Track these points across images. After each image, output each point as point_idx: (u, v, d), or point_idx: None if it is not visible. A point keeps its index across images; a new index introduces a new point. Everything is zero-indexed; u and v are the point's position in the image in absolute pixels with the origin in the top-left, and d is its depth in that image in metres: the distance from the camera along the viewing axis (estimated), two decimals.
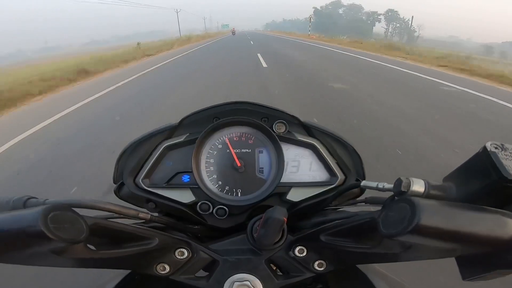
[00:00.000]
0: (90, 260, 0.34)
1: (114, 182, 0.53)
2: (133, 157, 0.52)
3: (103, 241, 0.36)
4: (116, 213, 0.40)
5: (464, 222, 0.25)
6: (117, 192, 0.54)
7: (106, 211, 0.38)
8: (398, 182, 0.34)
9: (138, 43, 16.77)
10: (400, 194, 0.33)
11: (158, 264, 0.41)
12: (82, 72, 8.59)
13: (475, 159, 0.30)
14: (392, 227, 0.26)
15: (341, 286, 0.50)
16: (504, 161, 0.27)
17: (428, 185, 0.32)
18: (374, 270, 0.48)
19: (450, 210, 0.26)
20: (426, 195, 0.32)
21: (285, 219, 0.38)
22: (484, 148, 0.29)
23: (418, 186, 0.32)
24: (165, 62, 11.15)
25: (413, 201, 0.25)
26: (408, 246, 0.28)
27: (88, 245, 0.33)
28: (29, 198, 0.37)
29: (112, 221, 0.35)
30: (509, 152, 0.29)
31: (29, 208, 0.29)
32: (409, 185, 0.33)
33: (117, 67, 10.50)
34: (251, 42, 22.37)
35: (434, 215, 0.25)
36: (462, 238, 0.25)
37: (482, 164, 0.29)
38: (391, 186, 0.37)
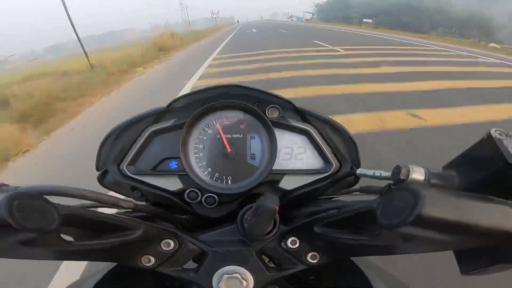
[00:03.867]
0: (67, 252, 0.31)
1: (97, 169, 0.50)
2: (118, 143, 0.49)
3: (81, 232, 0.33)
4: (94, 200, 0.37)
5: (470, 213, 0.23)
6: (101, 180, 0.51)
7: (81, 198, 0.35)
8: (397, 170, 0.32)
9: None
10: (399, 182, 0.31)
11: (143, 256, 0.39)
12: None
13: (478, 147, 0.28)
14: (392, 217, 0.24)
15: (334, 279, 0.48)
16: (510, 148, 0.25)
17: (428, 173, 0.31)
18: (368, 263, 0.47)
19: (455, 200, 0.24)
20: (426, 184, 0.30)
21: (277, 208, 0.36)
22: (489, 134, 0.27)
23: (418, 174, 0.31)
24: None
25: (416, 190, 0.23)
26: (409, 238, 0.26)
27: (64, 236, 0.30)
28: (0, 186, 0.35)
29: (89, 210, 0.32)
30: None
31: None
32: (408, 173, 0.31)
33: None
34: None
35: (438, 205, 0.23)
36: (467, 230, 0.23)
37: (487, 152, 0.27)
38: (388, 174, 0.35)
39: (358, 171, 0.42)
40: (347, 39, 12.14)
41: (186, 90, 4.78)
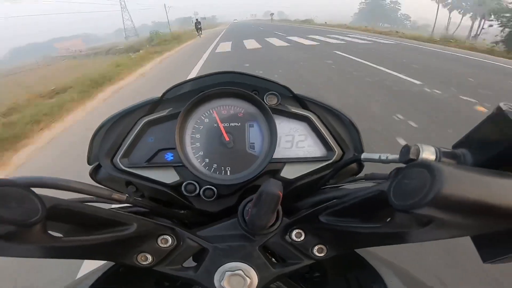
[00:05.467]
0: (54, 248, 0.29)
1: (89, 163, 0.48)
2: (110, 135, 0.47)
3: (71, 227, 0.31)
4: (84, 193, 0.34)
5: (494, 190, 0.21)
6: (93, 175, 0.49)
7: (69, 190, 0.32)
8: (406, 149, 0.30)
9: None
10: (409, 162, 0.29)
11: (139, 254, 0.36)
12: None
13: (488, 122, 0.26)
14: (407, 198, 0.21)
15: (341, 274, 0.46)
16: None
17: (439, 152, 0.29)
18: (375, 256, 0.45)
19: (477, 176, 0.22)
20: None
21: (281, 194, 0.33)
22: (499, 108, 0.25)
23: (428, 153, 0.28)
24: None
25: (433, 165, 0.21)
26: (426, 221, 0.24)
27: (52, 232, 0.28)
28: None
29: (79, 204, 0.30)
30: None
31: None
32: (418, 152, 0.29)
33: None
34: None
35: (460, 182, 0.20)
36: (491, 210, 0.21)
37: (498, 126, 0.25)
38: (395, 156, 0.33)
39: (363, 155, 0.39)
40: None
41: None
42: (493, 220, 0.22)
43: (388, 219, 0.29)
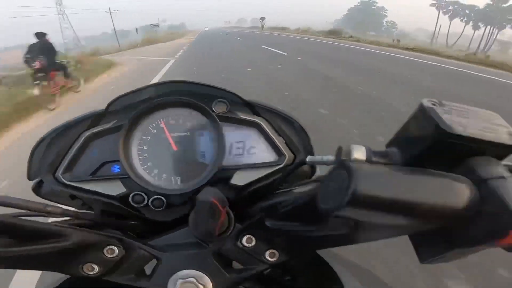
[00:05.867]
0: None
1: (29, 179, 0.46)
2: (51, 149, 0.45)
3: (11, 241, 0.31)
4: (31, 210, 0.35)
5: (409, 188, 0.22)
6: (36, 190, 0.46)
7: (19, 208, 0.34)
8: (339, 151, 0.30)
9: None
10: (341, 163, 0.30)
11: (84, 264, 0.35)
12: None
13: (413, 119, 0.27)
14: (330, 201, 0.22)
15: (305, 276, 0.47)
16: (443, 116, 0.24)
17: (369, 152, 0.29)
18: (337, 257, 0.46)
19: (392, 174, 0.23)
20: (367, 163, 0.29)
21: (214, 200, 0.33)
22: (421, 105, 0.26)
23: (359, 153, 0.29)
24: None
25: (349, 166, 0.22)
26: (353, 224, 0.24)
27: None
28: None
29: (14, 218, 0.30)
30: (448, 108, 0.26)
31: None
32: (349, 153, 0.29)
33: None
34: None
35: (373, 180, 0.21)
36: (410, 209, 0.21)
37: (421, 123, 0.26)
38: (333, 157, 0.34)
39: (308, 158, 0.40)
40: None
41: None
42: (416, 220, 0.22)
43: (325, 222, 0.30)
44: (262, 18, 45.32)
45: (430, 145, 0.25)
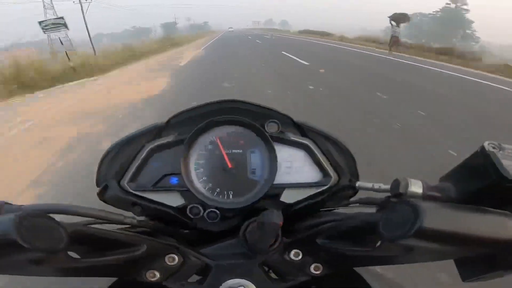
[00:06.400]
0: (74, 269, 0.32)
1: (97, 185, 0.50)
2: (117, 160, 0.49)
3: (86, 248, 0.34)
4: (99, 218, 0.38)
5: (466, 224, 0.25)
6: (101, 195, 0.51)
7: (88, 217, 0.36)
8: (396, 183, 0.33)
9: None
10: (398, 195, 0.33)
11: (148, 271, 0.39)
12: None
13: (473, 159, 0.30)
14: (394, 230, 0.25)
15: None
16: (503, 161, 0.27)
17: (426, 186, 0.32)
18: (372, 272, 0.48)
19: (452, 213, 0.26)
20: (424, 196, 0.32)
21: (281, 223, 0.37)
22: (482, 148, 0.29)
23: (416, 187, 0.32)
24: None
25: (415, 204, 0.25)
26: (410, 248, 0.27)
27: (70, 253, 0.31)
28: (3, 204, 0.35)
29: (94, 228, 0.33)
30: (508, 152, 0.29)
31: (2, 215, 0.26)
32: (407, 186, 0.32)
33: None
34: None
35: (437, 218, 0.24)
36: (464, 240, 0.25)
37: (481, 164, 0.29)
38: (387, 187, 0.37)
39: (358, 184, 0.43)
40: None
41: None
42: (468, 248, 0.26)
43: (378, 244, 0.33)
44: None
45: (487, 186, 0.28)
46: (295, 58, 10.67)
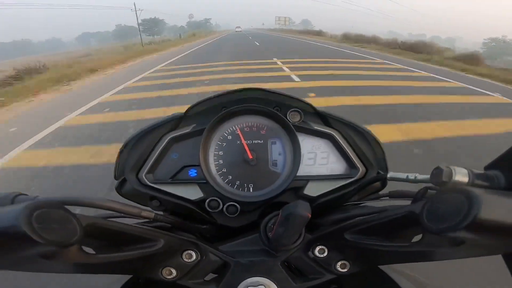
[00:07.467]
0: (88, 265, 0.30)
1: (116, 178, 0.49)
2: (136, 151, 0.48)
3: (102, 243, 0.32)
4: (116, 211, 0.36)
5: None
6: (119, 189, 0.50)
7: (105, 209, 0.34)
8: (438, 171, 0.30)
9: None
10: (441, 185, 0.29)
11: (164, 268, 0.37)
12: None
13: None
14: (441, 222, 0.22)
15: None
16: None
17: (472, 174, 0.29)
18: (396, 270, 0.44)
19: (508, 200, 0.22)
20: (470, 185, 0.28)
21: (309, 215, 0.33)
22: None
23: (461, 175, 0.29)
24: None
25: (470, 191, 0.22)
26: (459, 242, 0.24)
27: (84, 247, 0.29)
28: (18, 195, 0.34)
29: (111, 221, 0.31)
30: None
31: (13, 205, 0.25)
32: (451, 175, 0.29)
33: None
34: None
35: (496, 207, 0.21)
36: None
37: None
38: (425, 177, 0.33)
39: (389, 175, 0.39)
40: None
41: None
42: None
43: (417, 239, 0.30)
44: None
45: None
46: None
